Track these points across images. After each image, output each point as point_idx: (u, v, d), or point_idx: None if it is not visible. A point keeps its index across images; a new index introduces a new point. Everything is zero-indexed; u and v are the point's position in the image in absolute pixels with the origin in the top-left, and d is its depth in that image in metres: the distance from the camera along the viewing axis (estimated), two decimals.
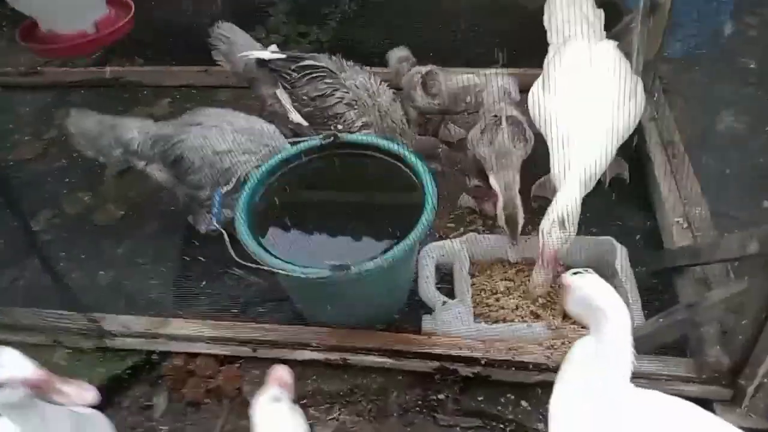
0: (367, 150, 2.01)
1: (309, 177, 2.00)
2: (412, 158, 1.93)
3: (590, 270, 1.26)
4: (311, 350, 1.85)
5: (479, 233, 2.20)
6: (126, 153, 2.20)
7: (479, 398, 1.82)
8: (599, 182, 2.44)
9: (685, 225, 1.96)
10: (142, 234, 2.44)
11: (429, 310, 1.92)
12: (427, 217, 1.73)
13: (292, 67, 2.34)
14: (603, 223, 2.21)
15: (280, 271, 1.65)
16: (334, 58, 2.38)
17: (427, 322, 1.88)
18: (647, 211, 2.29)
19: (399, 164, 1.96)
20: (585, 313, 1.24)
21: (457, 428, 1.79)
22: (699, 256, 1.66)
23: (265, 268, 1.65)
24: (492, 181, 2.11)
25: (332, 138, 1.99)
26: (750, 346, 1.50)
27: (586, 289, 1.22)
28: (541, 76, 2.25)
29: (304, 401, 1.88)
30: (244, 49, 2.44)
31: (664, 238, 2.08)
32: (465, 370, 1.79)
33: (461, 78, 2.48)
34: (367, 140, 2.02)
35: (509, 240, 2.04)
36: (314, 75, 2.31)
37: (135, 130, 2.18)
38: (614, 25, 2.51)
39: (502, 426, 1.77)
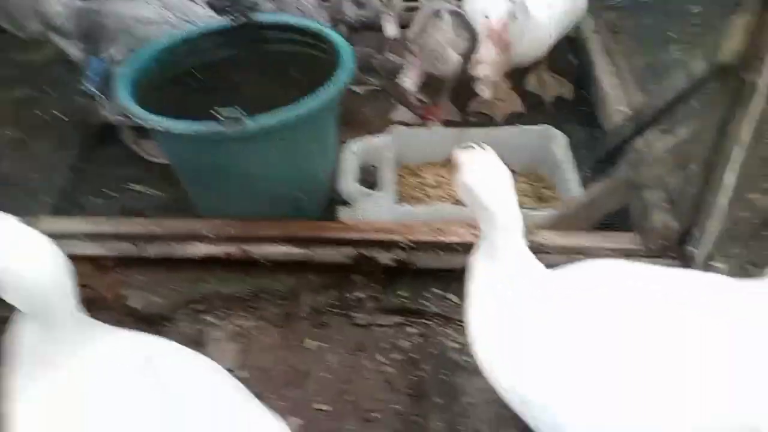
0: (281, 31, 1.79)
1: (214, 59, 1.77)
2: (330, 34, 1.71)
3: (485, 146, 0.99)
4: (206, 243, 1.58)
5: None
6: (46, 27, 1.99)
7: (401, 294, 1.58)
8: (542, 103, 2.32)
9: (630, 112, 1.79)
10: (31, 153, 2.16)
11: None
12: (341, 76, 1.51)
13: None
14: None
15: (161, 128, 1.40)
16: None
17: (344, 213, 1.64)
18: (592, 126, 2.14)
19: (318, 44, 1.74)
20: (473, 208, 0.99)
21: (375, 327, 1.54)
22: (642, 114, 1.48)
23: (139, 121, 1.41)
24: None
25: (242, 18, 1.77)
26: (698, 198, 1.31)
27: (474, 178, 0.96)
28: None
29: (198, 306, 1.60)
30: None
31: (608, 130, 1.90)
32: (385, 258, 1.54)
33: None
34: (281, 20, 1.81)
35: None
36: None
37: (58, 4, 1.97)
38: None
39: (426, 320, 1.53)
